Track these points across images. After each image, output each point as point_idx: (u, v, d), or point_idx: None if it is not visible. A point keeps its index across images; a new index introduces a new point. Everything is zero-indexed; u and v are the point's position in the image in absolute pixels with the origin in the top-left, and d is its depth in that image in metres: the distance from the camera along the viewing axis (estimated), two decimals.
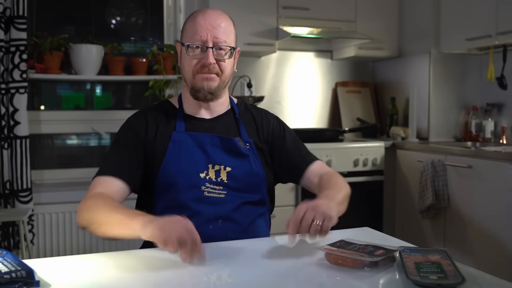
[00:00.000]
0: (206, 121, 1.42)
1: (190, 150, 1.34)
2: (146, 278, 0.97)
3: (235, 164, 1.36)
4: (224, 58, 1.35)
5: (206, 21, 1.33)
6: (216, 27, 1.33)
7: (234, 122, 1.45)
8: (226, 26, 1.35)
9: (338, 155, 3.02)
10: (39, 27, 3.11)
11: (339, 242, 1.05)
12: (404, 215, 3.19)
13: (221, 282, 0.95)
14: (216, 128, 1.41)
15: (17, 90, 2.73)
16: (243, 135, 1.42)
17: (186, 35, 1.36)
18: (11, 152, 2.76)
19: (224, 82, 1.39)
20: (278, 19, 3.19)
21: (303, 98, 3.65)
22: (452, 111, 3.37)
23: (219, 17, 1.35)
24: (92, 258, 1.09)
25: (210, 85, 1.35)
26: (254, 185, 1.39)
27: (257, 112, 1.50)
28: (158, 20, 3.36)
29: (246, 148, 1.39)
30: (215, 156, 1.36)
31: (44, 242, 2.90)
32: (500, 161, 2.48)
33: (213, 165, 1.35)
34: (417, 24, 3.39)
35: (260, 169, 1.40)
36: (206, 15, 1.34)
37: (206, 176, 1.33)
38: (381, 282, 0.92)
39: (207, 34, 1.32)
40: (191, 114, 1.42)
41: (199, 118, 1.42)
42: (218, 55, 1.34)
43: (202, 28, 1.32)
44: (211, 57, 1.32)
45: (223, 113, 1.45)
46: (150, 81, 3.08)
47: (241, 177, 1.36)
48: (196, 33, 1.32)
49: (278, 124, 1.50)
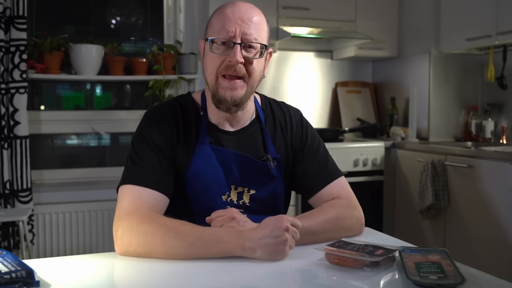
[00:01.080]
0: (231, 134, 1.27)
1: (213, 167, 1.22)
2: (146, 278, 0.96)
3: (261, 187, 1.26)
4: (254, 58, 1.18)
5: (235, 14, 1.16)
6: (247, 21, 1.16)
7: (261, 135, 1.30)
8: (258, 21, 1.18)
9: (338, 155, 3.01)
10: (39, 27, 3.10)
11: (339, 242, 1.05)
12: (404, 215, 3.19)
13: (221, 282, 0.95)
14: (241, 142, 1.27)
15: (17, 90, 2.73)
16: (270, 151, 1.28)
17: (211, 29, 1.20)
18: (11, 152, 2.76)
19: (252, 88, 1.21)
20: (278, 19, 3.19)
21: (303, 98, 3.65)
22: (452, 111, 3.37)
23: (251, 10, 1.18)
24: (92, 258, 1.09)
25: (235, 96, 1.18)
26: (274, 207, 1.29)
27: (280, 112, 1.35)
28: (158, 20, 3.36)
29: (275, 169, 1.27)
30: (241, 177, 1.24)
31: (44, 242, 2.90)
32: (500, 161, 2.48)
33: (236, 187, 1.24)
34: (417, 24, 3.39)
35: (282, 190, 1.30)
36: (235, 7, 1.17)
37: (227, 199, 1.24)
38: (381, 282, 0.92)
39: (236, 29, 1.15)
40: (215, 124, 1.26)
41: (223, 130, 1.26)
42: (247, 54, 1.17)
43: (231, 21, 1.15)
44: (239, 55, 1.14)
45: (249, 123, 1.30)
46: (150, 81, 3.08)
47: (264, 200, 1.26)
48: (223, 27, 1.15)
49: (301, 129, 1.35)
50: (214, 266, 1.00)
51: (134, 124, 3.19)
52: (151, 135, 1.20)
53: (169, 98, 3.10)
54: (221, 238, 1.02)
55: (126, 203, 1.12)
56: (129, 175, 1.16)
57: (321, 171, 1.30)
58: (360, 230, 1.25)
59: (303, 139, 1.34)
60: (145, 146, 1.19)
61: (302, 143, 1.33)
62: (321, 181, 1.29)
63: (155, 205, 1.13)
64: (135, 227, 1.05)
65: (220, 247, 1.01)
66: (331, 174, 1.30)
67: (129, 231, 1.05)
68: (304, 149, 1.33)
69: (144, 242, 1.03)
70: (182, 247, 1.01)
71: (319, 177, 1.29)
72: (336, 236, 1.15)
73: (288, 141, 1.32)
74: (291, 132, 1.33)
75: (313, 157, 1.32)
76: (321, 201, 1.28)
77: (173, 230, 1.03)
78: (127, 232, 1.05)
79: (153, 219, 1.07)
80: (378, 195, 3.18)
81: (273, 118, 1.33)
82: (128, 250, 1.05)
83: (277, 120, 1.33)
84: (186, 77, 3.13)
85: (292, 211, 2.90)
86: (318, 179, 1.29)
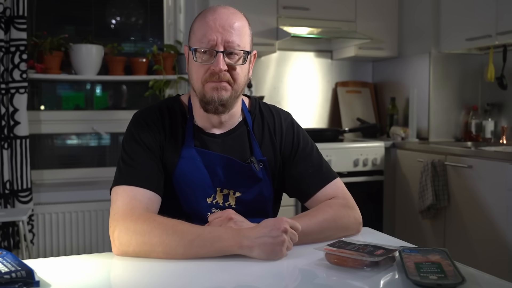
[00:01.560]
0: (217, 136, 1.28)
1: (198, 170, 1.23)
2: (146, 278, 0.96)
3: (246, 189, 1.26)
4: (237, 64, 1.19)
5: (216, 21, 1.16)
6: (228, 29, 1.16)
7: (247, 138, 1.30)
8: (239, 27, 1.18)
9: (338, 155, 3.02)
10: (39, 27, 3.11)
11: (339, 242, 1.05)
12: (404, 215, 3.19)
13: (220, 282, 0.95)
14: (227, 145, 1.27)
15: (17, 90, 2.73)
16: (256, 153, 1.28)
17: (193, 37, 1.20)
18: (11, 152, 2.76)
19: (237, 91, 1.22)
20: (278, 19, 3.19)
21: (303, 98, 3.65)
22: (452, 111, 3.37)
23: (232, 17, 1.18)
24: (92, 258, 1.09)
25: (222, 95, 1.19)
26: (261, 209, 1.29)
27: (269, 115, 1.35)
28: (158, 20, 3.36)
29: (260, 171, 1.27)
30: (226, 179, 1.25)
31: (44, 242, 2.90)
32: (500, 161, 2.48)
33: (222, 189, 1.25)
34: (417, 24, 3.39)
35: (270, 193, 1.31)
36: (216, 15, 1.17)
37: (213, 201, 1.24)
38: (381, 282, 0.92)
39: (217, 37, 1.15)
40: (201, 127, 1.27)
41: (209, 133, 1.27)
42: (230, 60, 1.18)
43: (212, 29, 1.15)
44: (222, 63, 1.16)
45: (235, 126, 1.30)
46: (150, 81, 3.08)
47: (250, 202, 1.27)
48: (205, 36, 1.16)
49: (292, 133, 1.35)
50: (214, 266, 1.00)
51: None
52: (140, 136, 1.21)
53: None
54: (219, 236, 1.03)
55: (120, 203, 1.12)
56: (122, 176, 1.17)
57: (316, 174, 1.31)
58: (358, 229, 1.25)
59: (295, 143, 1.34)
60: (135, 146, 1.20)
61: (294, 147, 1.33)
62: (317, 184, 1.30)
63: (150, 204, 1.14)
64: (132, 227, 1.05)
65: (218, 245, 1.02)
66: (327, 176, 1.31)
67: (126, 231, 1.05)
68: (296, 153, 1.33)
69: (142, 241, 1.03)
70: (181, 246, 1.02)
71: (315, 179, 1.30)
72: (334, 236, 1.16)
73: (276, 145, 1.33)
74: (280, 136, 1.33)
75: (307, 161, 1.32)
76: (318, 204, 1.28)
77: (171, 228, 1.04)
78: (124, 232, 1.05)
79: (150, 218, 1.07)
80: (378, 195, 3.18)
81: (261, 121, 1.34)
82: (127, 251, 1.05)
83: (266, 123, 1.33)
84: (186, 77, 3.13)
85: (292, 212, 2.90)
86: (313, 182, 1.30)
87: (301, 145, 1.34)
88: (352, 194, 1.33)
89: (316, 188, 1.29)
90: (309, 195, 1.30)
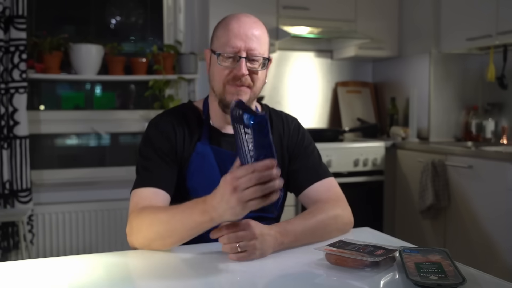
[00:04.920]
0: (231, 136, 1.33)
1: (211, 166, 1.30)
2: (146, 278, 0.96)
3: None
4: (257, 69, 1.28)
5: (240, 29, 1.25)
6: (251, 37, 1.25)
7: None
8: (260, 35, 1.28)
9: (338, 155, 3.02)
10: (38, 27, 3.10)
11: (339, 242, 1.05)
12: (404, 215, 3.19)
13: (220, 282, 0.95)
14: None
15: (16, 90, 2.73)
16: None
17: (217, 42, 1.29)
18: (11, 152, 2.75)
19: (255, 94, 1.32)
20: (278, 19, 3.19)
21: (303, 98, 3.65)
22: (452, 111, 3.37)
23: (254, 25, 1.28)
24: (92, 258, 1.09)
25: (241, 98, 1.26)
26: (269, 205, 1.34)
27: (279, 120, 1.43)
28: (158, 20, 3.36)
29: None
30: None
31: (43, 242, 2.90)
32: (500, 161, 2.48)
33: None
34: (417, 24, 3.39)
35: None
36: (240, 23, 1.27)
37: None
38: (381, 282, 0.92)
39: (241, 45, 1.24)
40: (217, 128, 1.35)
41: (224, 133, 1.35)
42: (251, 65, 1.27)
43: (236, 37, 1.25)
44: (244, 68, 1.25)
45: None
46: (150, 81, 3.08)
47: None
48: (229, 42, 1.25)
49: (298, 133, 1.43)
50: (213, 266, 1.01)
51: (134, 124, 3.19)
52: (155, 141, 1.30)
53: (169, 98, 3.11)
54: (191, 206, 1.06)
55: (131, 206, 1.22)
56: (137, 180, 1.27)
57: (313, 170, 1.38)
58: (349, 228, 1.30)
59: (299, 141, 1.42)
60: (150, 151, 1.29)
61: (297, 145, 1.41)
62: (310, 179, 1.36)
63: (154, 199, 1.21)
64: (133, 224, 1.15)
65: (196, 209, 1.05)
66: (321, 174, 1.38)
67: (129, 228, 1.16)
68: (299, 150, 1.41)
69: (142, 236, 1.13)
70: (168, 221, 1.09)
71: (309, 175, 1.37)
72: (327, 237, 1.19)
73: (284, 146, 1.40)
74: (287, 137, 1.41)
75: (307, 158, 1.40)
76: (309, 198, 1.35)
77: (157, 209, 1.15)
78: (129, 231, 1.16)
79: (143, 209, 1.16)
80: (378, 195, 3.18)
81: (271, 125, 1.40)
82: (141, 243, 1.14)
83: (276, 127, 1.41)
84: (186, 77, 3.13)
85: (292, 211, 2.90)
86: (308, 177, 1.37)
87: (305, 143, 1.42)
88: (352, 194, 1.34)
89: (309, 182, 1.36)
90: (301, 188, 1.37)
